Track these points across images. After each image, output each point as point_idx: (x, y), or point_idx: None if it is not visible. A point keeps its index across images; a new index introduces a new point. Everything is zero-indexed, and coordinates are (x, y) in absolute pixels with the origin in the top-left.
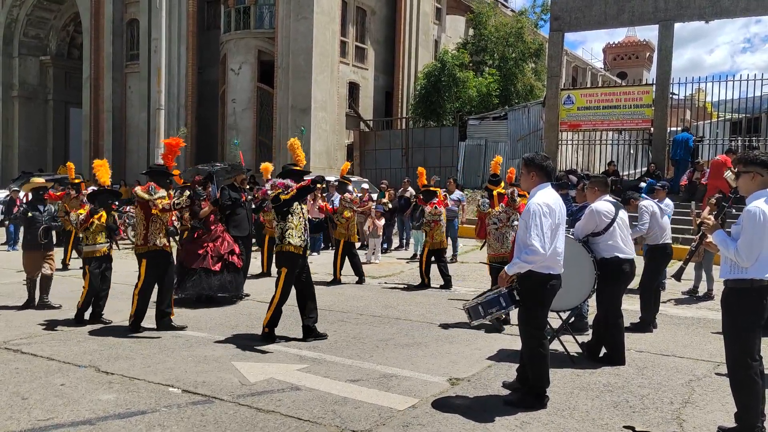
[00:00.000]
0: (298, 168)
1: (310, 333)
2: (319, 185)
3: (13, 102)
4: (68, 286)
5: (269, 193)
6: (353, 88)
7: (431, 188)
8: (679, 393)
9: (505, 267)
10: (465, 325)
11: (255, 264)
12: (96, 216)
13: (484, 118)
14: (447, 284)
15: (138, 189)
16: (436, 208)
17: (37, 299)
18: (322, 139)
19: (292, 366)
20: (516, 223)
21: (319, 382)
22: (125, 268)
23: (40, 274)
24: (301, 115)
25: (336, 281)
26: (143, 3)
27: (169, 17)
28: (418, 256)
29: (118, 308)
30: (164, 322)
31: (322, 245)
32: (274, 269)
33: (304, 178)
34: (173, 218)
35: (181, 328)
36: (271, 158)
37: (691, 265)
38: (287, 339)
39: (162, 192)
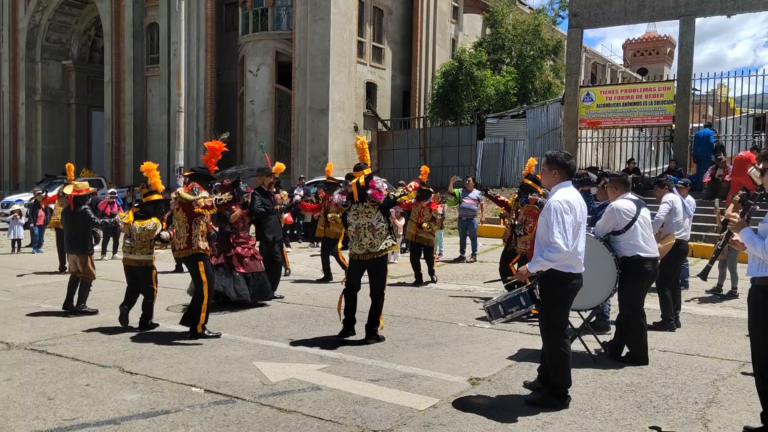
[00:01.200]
0: (368, 170)
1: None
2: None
3: (36, 106)
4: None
5: (384, 193)
6: (371, 88)
7: (426, 188)
8: (703, 393)
9: (527, 264)
10: (485, 325)
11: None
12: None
13: (502, 117)
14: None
15: (181, 190)
16: (431, 210)
17: (75, 303)
18: (340, 140)
19: (312, 366)
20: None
21: (339, 382)
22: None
23: (79, 279)
24: (319, 116)
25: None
26: (163, 7)
27: (188, 20)
28: (436, 255)
29: (135, 310)
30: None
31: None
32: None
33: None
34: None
35: (216, 336)
36: (290, 159)
37: (715, 264)
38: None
39: (204, 193)
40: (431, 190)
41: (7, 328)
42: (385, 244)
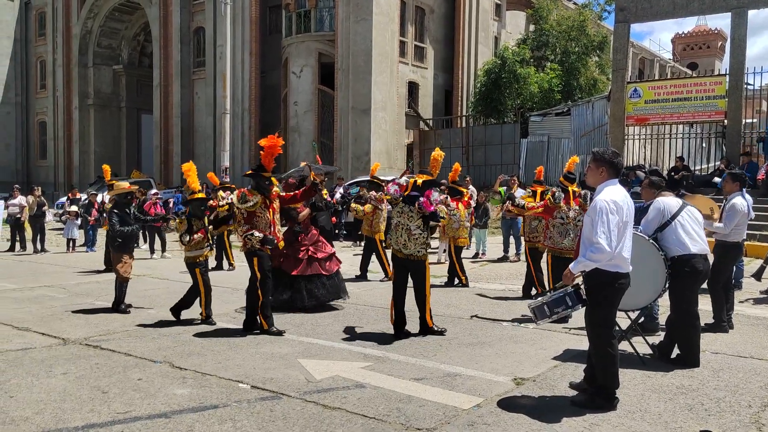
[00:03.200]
0: (432, 178)
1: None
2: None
3: (89, 110)
4: (143, 286)
5: (434, 208)
6: (413, 88)
7: (458, 187)
8: (757, 396)
9: (570, 265)
10: (530, 325)
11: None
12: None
13: (546, 115)
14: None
15: (233, 196)
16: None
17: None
18: (382, 140)
19: (356, 364)
20: (581, 222)
21: (383, 380)
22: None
23: (118, 277)
24: (361, 116)
25: (387, 278)
26: (209, 11)
27: (233, 24)
28: (480, 255)
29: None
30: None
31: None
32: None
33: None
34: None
35: (279, 333)
36: (333, 159)
37: None
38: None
39: (254, 199)
40: (461, 189)
41: (63, 324)
42: (418, 250)
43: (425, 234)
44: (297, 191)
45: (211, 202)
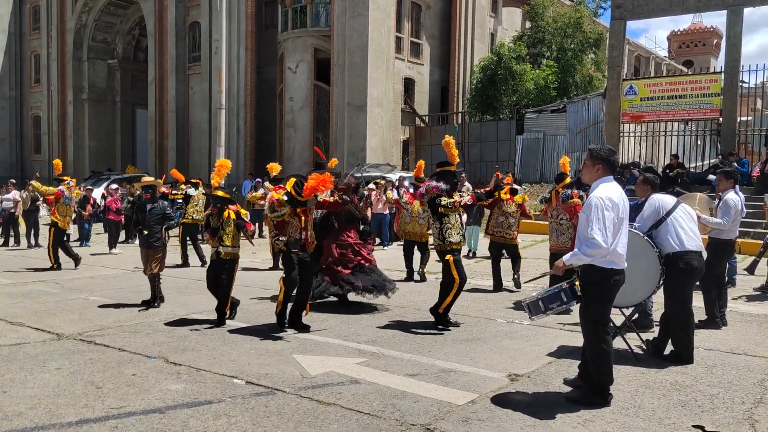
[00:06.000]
0: (452, 168)
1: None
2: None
3: (83, 104)
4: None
5: (425, 197)
6: (408, 84)
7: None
8: (751, 392)
9: (564, 256)
10: (524, 321)
11: None
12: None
13: (541, 111)
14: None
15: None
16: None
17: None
18: (378, 136)
19: (351, 360)
20: (563, 220)
21: (378, 376)
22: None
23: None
24: (357, 112)
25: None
26: (204, 6)
27: (229, 19)
28: (471, 252)
29: (183, 302)
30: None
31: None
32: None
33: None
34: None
35: (306, 328)
36: (329, 155)
37: (763, 260)
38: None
39: (283, 210)
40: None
41: (57, 319)
42: (436, 241)
43: (436, 225)
44: (326, 199)
45: (164, 189)
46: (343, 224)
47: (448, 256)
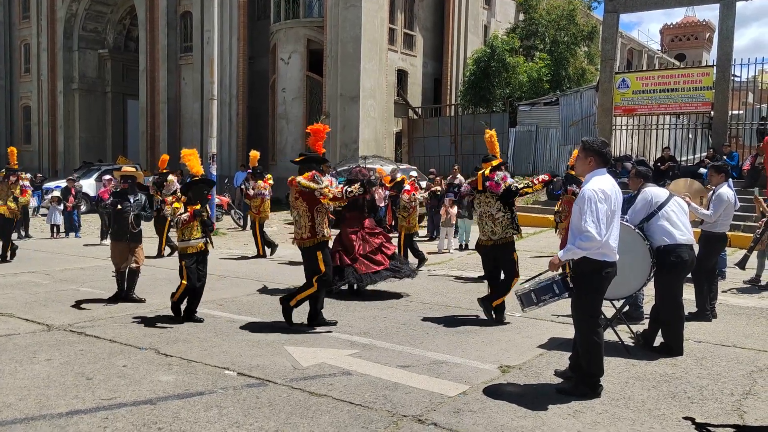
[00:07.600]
0: (500, 161)
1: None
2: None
3: (74, 94)
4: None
5: (502, 186)
6: (402, 76)
7: (398, 180)
8: (739, 384)
9: (558, 252)
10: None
11: None
12: (192, 208)
13: (534, 104)
14: (421, 261)
15: (301, 179)
16: (413, 194)
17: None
18: (371, 127)
19: (343, 351)
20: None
21: (369, 368)
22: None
23: (127, 267)
24: (350, 103)
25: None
26: None
27: (221, 9)
28: (463, 245)
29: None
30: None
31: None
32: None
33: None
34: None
35: (333, 323)
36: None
37: (754, 254)
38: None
39: (326, 180)
40: (402, 180)
41: (47, 310)
42: (506, 232)
43: (510, 214)
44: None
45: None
46: (350, 213)
47: (514, 254)
